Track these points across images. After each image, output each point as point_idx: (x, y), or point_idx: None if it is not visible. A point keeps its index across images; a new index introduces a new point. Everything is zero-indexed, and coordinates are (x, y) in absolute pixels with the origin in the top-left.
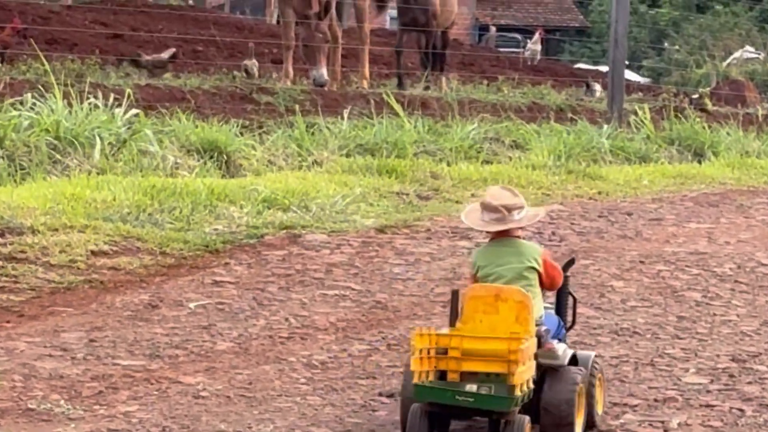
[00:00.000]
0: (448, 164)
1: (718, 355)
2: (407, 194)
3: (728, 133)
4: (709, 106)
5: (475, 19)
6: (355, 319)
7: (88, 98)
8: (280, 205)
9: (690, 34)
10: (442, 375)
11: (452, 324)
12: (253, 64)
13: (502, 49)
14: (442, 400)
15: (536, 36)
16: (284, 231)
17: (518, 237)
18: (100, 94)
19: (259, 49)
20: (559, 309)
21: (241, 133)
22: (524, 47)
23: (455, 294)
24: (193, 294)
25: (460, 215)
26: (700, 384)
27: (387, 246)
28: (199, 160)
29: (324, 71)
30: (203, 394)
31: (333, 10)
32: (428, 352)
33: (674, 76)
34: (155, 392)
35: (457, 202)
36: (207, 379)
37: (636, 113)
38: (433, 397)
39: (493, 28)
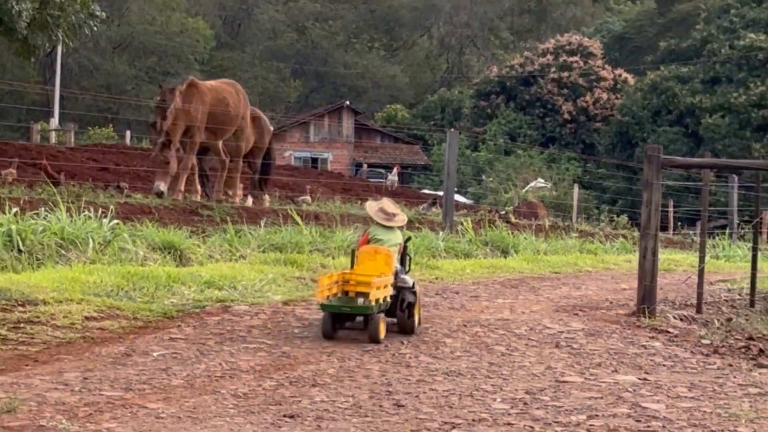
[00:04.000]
0: (333, 258)
1: (516, 390)
2: (304, 278)
3: (525, 238)
4: (513, 219)
5: (353, 159)
6: (267, 364)
7: (84, 211)
8: (217, 286)
9: (500, 170)
10: (345, 293)
11: (351, 267)
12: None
13: (371, 180)
14: (335, 310)
15: (395, 170)
16: (219, 303)
17: (393, 227)
18: (92, 209)
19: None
20: (403, 262)
21: (190, 236)
22: (386, 178)
23: (353, 251)
24: (155, 346)
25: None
26: (503, 409)
27: (290, 314)
28: (161, 255)
29: (160, 184)
30: (162, 415)
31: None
32: (335, 283)
33: (489, 198)
34: (129, 414)
35: None
36: (165, 405)
37: (462, 224)
38: (331, 309)
39: (365, 165)
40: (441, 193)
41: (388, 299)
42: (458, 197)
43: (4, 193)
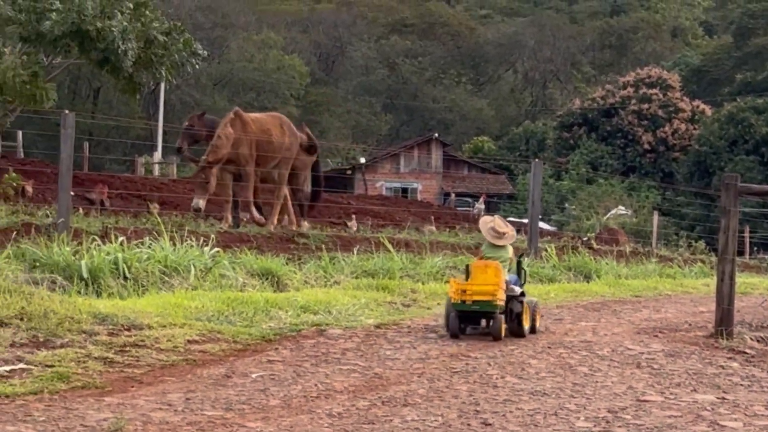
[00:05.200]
0: (423, 283)
1: (599, 409)
2: (395, 303)
3: (606, 263)
4: (595, 245)
5: (441, 189)
6: (360, 385)
7: (186, 240)
8: (312, 310)
9: (582, 198)
10: (463, 302)
11: (467, 279)
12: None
13: (459, 208)
14: (465, 308)
15: (481, 199)
16: (315, 327)
17: (504, 245)
18: (194, 238)
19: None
20: (519, 274)
21: (287, 263)
22: (473, 206)
23: (467, 266)
24: (254, 368)
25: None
26: (587, 427)
27: (382, 337)
28: (259, 281)
29: (199, 201)
30: None
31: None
32: (457, 290)
33: (572, 225)
34: None
35: (428, 308)
36: (263, 424)
37: (546, 250)
38: (461, 308)
39: (453, 194)
40: (526, 221)
41: (503, 305)
42: (542, 224)
43: (111, 224)
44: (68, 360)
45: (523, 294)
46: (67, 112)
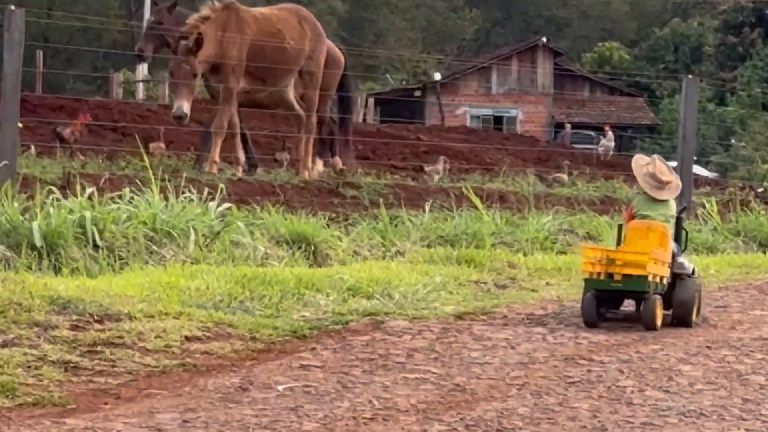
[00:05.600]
0: (524, 254)
1: None
2: (485, 283)
3: None
4: None
5: (551, 117)
6: (434, 401)
7: (183, 192)
8: (365, 293)
9: (756, 131)
10: (610, 276)
11: (618, 245)
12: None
13: (576, 146)
14: (603, 286)
15: (608, 133)
16: (368, 317)
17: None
18: (194, 189)
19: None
20: (678, 238)
21: (328, 225)
22: (598, 143)
23: (620, 226)
24: (281, 377)
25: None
26: None
27: (465, 332)
28: (287, 251)
29: (183, 104)
30: None
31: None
32: (598, 260)
33: (741, 170)
34: None
35: (532, 290)
36: None
37: (704, 206)
38: (598, 285)
39: (568, 126)
40: (674, 164)
41: (665, 282)
42: (698, 169)
43: (75, 168)
44: (13, 365)
45: (694, 272)
46: (13, 8)
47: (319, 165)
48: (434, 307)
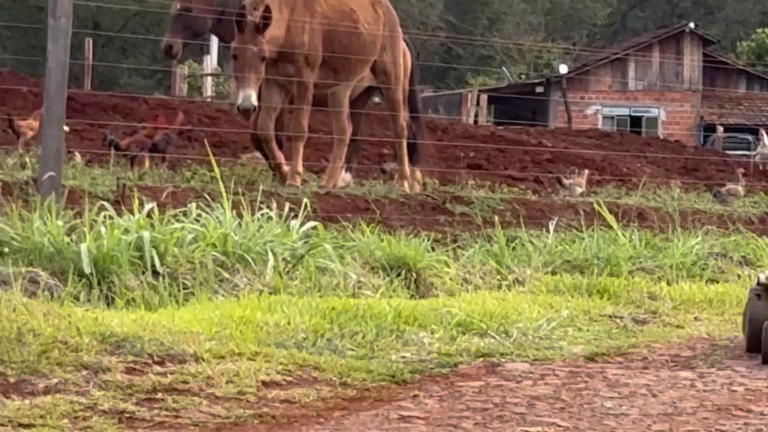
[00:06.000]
0: (668, 283)
1: None
2: (621, 317)
3: None
4: None
5: (700, 119)
6: None
7: (260, 208)
8: (477, 330)
9: None
10: None
11: None
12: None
13: (730, 152)
14: None
15: (766, 137)
16: (481, 359)
17: None
18: (274, 204)
19: (452, 152)
20: None
21: (433, 248)
22: (756, 149)
23: None
24: (377, 431)
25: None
26: None
27: (597, 376)
28: (384, 278)
29: (251, 94)
30: None
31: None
32: None
33: None
34: None
35: (678, 326)
36: None
37: None
38: None
39: (720, 129)
40: None
41: None
42: None
43: (130, 180)
44: (58, 415)
45: None
46: None
47: (418, 174)
48: (560, 346)
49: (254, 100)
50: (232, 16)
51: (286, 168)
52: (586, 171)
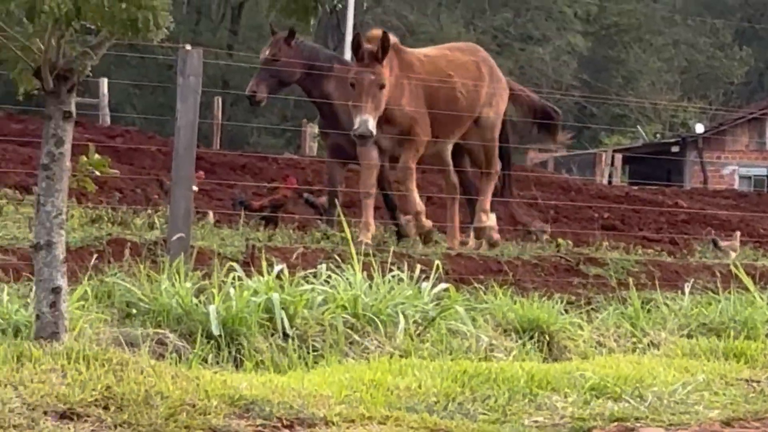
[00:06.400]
0: None
1: None
2: (758, 382)
3: None
4: None
5: None
6: None
7: (391, 270)
8: (611, 394)
9: None
10: None
11: None
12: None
13: None
14: None
15: None
16: (615, 423)
17: None
18: (405, 265)
19: (586, 212)
20: None
21: (566, 310)
22: None
23: None
24: None
25: None
26: None
27: None
28: (517, 341)
29: (368, 119)
30: None
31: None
32: None
33: None
34: None
35: None
36: None
37: None
38: None
39: None
40: None
41: None
42: None
43: (259, 240)
44: None
45: None
46: (188, 47)
47: (492, 219)
48: (696, 411)
49: (371, 126)
50: (320, 69)
51: (372, 228)
52: (738, 233)
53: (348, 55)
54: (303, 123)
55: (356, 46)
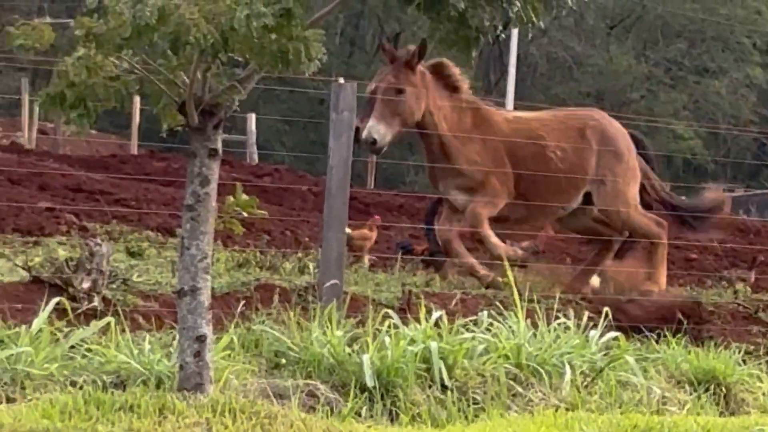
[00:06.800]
0: None
1: None
2: None
3: None
4: None
5: None
6: None
7: (556, 317)
8: None
9: None
10: None
11: None
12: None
13: None
14: None
15: None
16: None
17: None
18: (571, 312)
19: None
20: None
21: (744, 361)
22: None
23: None
24: None
25: None
26: None
27: None
28: (691, 393)
29: (379, 126)
30: None
31: None
32: None
33: None
34: None
35: None
36: None
37: None
38: None
39: None
40: None
41: None
42: None
43: (416, 285)
44: None
45: None
46: (341, 80)
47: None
48: None
49: (375, 133)
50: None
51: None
52: None
53: (510, 89)
54: None
55: (385, 51)
